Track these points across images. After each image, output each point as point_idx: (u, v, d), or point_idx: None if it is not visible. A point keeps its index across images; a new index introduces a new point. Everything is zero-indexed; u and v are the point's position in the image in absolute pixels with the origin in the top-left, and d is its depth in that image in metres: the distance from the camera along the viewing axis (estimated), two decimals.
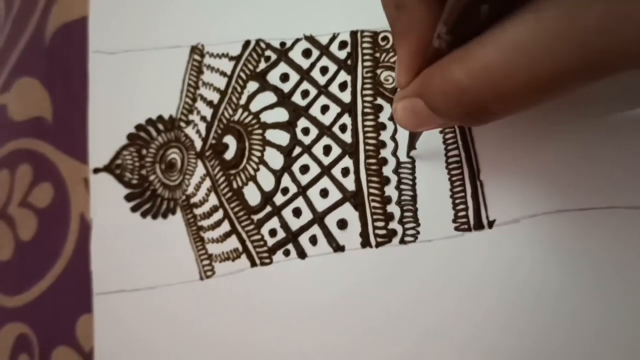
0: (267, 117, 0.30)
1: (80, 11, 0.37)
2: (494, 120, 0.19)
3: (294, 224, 0.29)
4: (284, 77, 0.30)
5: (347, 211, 0.28)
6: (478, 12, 0.17)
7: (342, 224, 0.28)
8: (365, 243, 0.27)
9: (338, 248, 0.28)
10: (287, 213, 0.29)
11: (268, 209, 0.30)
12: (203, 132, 0.32)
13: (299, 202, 0.29)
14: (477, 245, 0.25)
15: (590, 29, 0.15)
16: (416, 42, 0.20)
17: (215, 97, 0.32)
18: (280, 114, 0.30)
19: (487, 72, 0.17)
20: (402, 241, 0.26)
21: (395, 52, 0.21)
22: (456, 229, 0.25)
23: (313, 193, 0.29)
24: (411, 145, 0.26)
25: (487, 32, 0.17)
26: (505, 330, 0.24)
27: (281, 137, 0.30)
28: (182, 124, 0.33)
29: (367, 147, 0.27)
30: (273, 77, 0.30)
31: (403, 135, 0.27)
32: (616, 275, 0.22)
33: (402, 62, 0.21)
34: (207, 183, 0.32)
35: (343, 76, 0.29)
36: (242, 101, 0.31)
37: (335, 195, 0.28)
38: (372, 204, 0.27)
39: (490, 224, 0.25)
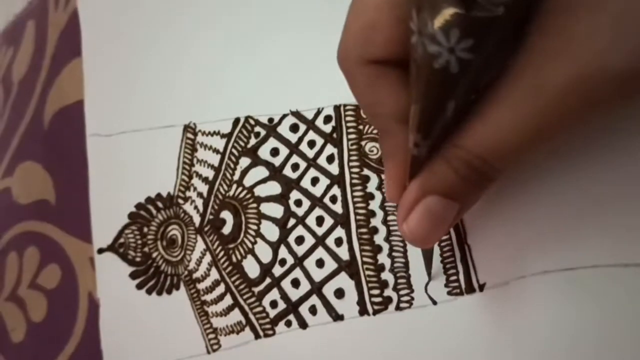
0: (261, 191, 0.31)
1: (76, 95, 0.39)
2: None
3: (294, 294, 0.30)
4: (274, 152, 0.31)
5: (344, 280, 0.28)
6: (444, 110, 0.18)
7: (340, 294, 0.28)
8: (363, 311, 0.28)
9: (337, 317, 0.28)
10: (286, 284, 0.30)
11: (267, 280, 0.30)
12: (201, 208, 0.33)
13: (297, 272, 0.30)
14: (470, 309, 0.25)
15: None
16: (403, 161, 0.21)
17: (210, 173, 0.33)
18: (273, 188, 0.31)
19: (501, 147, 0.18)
20: (398, 308, 0.27)
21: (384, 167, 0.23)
22: (449, 293, 0.26)
23: (309, 263, 0.29)
24: (429, 265, 0.26)
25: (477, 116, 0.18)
26: None
27: (275, 210, 0.31)
28: (180, 201, 0.34)
29: (358, 217, 0.28)
30: (264, 152, 0.32)
31: (392, 204, 0.28)
32: (602, 332, 0.23)
33: (391, 178, 0.22)
34: (208, 258, 0.33)
35: (330, 149, 0.30)
36: (236, 177, 0.32)
37: (330, 265, 0.29)
38: (367, 272, 0.28)
39: (481, 287, 0.25)
